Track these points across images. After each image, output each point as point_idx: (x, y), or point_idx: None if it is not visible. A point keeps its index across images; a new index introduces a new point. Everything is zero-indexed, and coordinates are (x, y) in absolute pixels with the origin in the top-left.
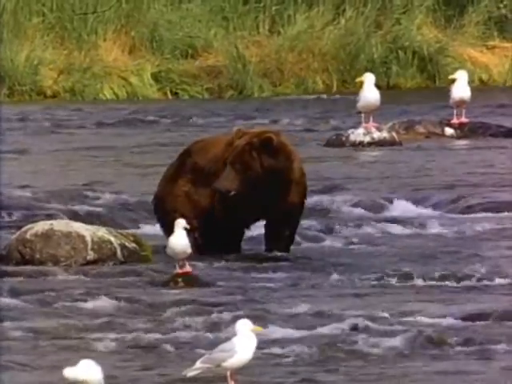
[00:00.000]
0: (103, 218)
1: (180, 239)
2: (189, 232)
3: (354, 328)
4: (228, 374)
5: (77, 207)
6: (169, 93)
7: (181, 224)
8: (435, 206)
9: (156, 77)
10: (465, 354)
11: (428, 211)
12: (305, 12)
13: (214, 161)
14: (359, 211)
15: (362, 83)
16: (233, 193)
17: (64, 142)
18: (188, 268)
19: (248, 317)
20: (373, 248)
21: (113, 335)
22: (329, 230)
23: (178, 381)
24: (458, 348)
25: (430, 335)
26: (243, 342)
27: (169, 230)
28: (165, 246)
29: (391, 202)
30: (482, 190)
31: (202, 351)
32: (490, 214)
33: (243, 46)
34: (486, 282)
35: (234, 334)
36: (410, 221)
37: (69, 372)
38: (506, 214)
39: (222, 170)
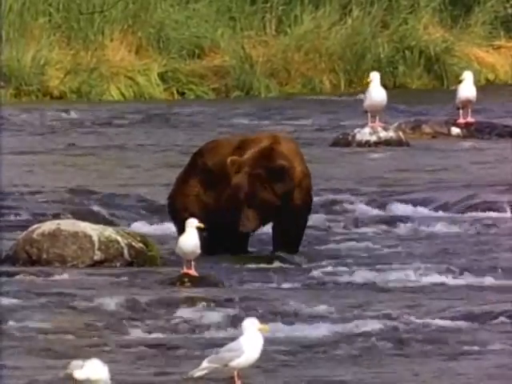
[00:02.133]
0: (110, 217)
1: (190, 239)
2: (199, 231)
3: (358, 328)
4: (235, 373)
5: (83, 207)
6: (175, 93)
7: (192, 223)
8: (441, 206)
9: (163, 77)
10: (462, 353)
11: (433, 211)
12: (311, 12)
13: (221, 163)
14: (365, 211)
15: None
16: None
17: (71, 142)
18: (194, 271)
19: (255, 316)
20: (379, 248)
21: (119, 335)
22: (335, 230)
23: (184, 380)
24: (456, 348)
25: (431, 335)
26: (250, 342)
27: (180, 229)
28: (171, 246)
29: (397, 201)
30: (489, 189)
31: (209, 351)
32: (495, 214)
33: (250, 46)
34: (488, 283)
35: (241, 334)
36: (415, 220)
37: (76, 372)
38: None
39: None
